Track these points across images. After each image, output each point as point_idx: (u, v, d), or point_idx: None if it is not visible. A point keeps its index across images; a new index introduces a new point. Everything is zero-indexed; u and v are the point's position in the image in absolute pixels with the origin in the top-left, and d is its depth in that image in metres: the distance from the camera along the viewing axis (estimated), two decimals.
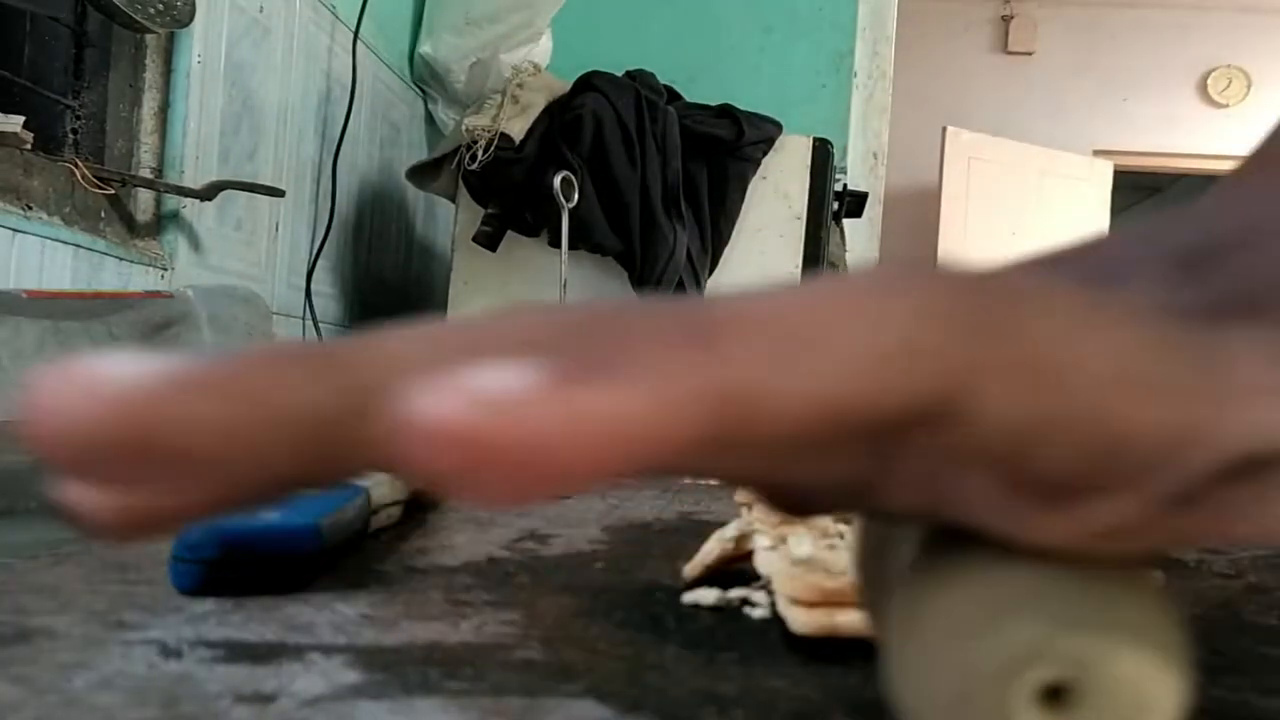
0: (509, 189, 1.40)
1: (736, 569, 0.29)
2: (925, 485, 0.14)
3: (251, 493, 0.13)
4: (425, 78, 1.77)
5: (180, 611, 0.24)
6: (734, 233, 1.50)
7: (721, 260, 1.49)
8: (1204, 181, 6.03)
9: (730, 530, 0.30)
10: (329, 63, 1.43)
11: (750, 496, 0.36)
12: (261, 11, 1.21)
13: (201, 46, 1.09)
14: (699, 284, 1.45)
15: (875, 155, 2.25)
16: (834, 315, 0.13)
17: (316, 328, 1.41)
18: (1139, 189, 6.74)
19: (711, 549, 0.33)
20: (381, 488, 0.34)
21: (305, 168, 1.39)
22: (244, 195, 1.18)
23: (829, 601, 0.22)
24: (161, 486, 0.13)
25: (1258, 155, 0.19)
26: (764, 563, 0.27)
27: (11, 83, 0.91)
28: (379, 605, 0.25)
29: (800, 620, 0.22)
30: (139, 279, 1.00)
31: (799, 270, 1.51)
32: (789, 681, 0.21)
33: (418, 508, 0.39)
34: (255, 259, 1.25)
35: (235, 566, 0.25)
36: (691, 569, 0.35)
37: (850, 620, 0.22)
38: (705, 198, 1.46)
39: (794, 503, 0.15)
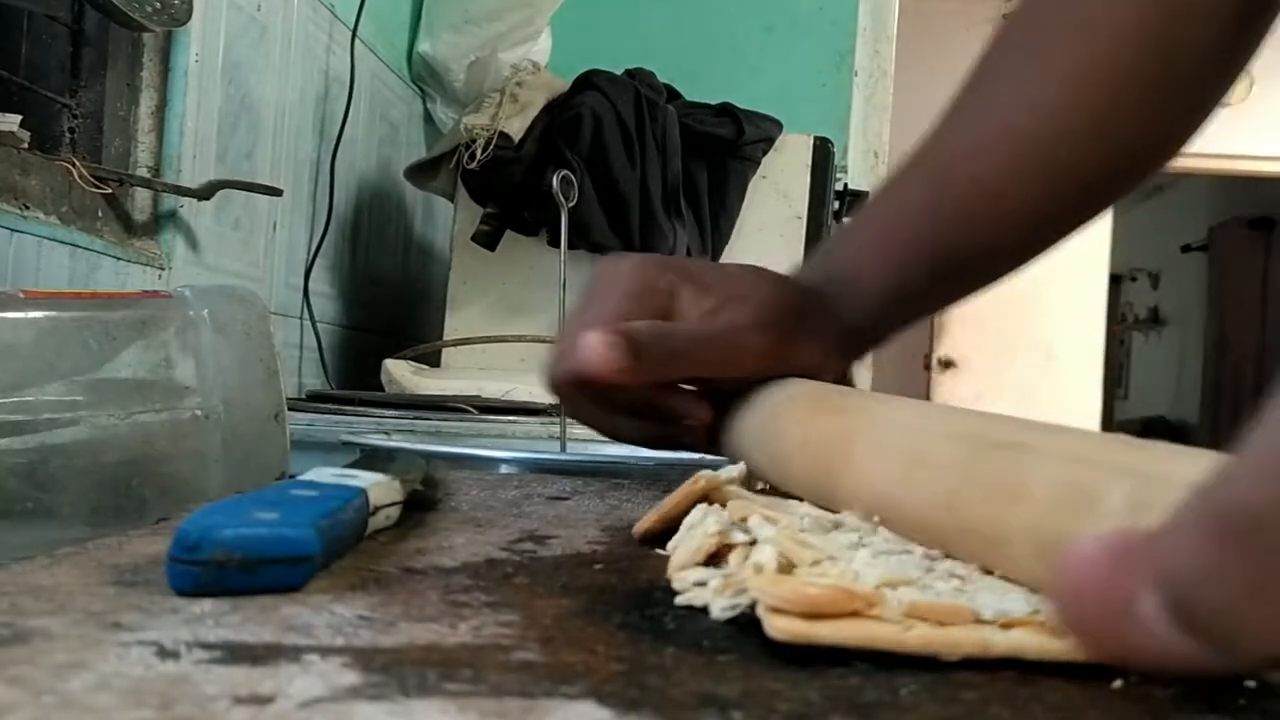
0: (508, 188, 1.39)
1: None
2: None
3: None
4: (424, 76, 1.76)
5: (177, 613, 0.23)
6: (734, 232, 1.50)
7: (721, 259, 1.49)
8: (1205, 181, 6.03)
9: (712, 524, 0.30)
10: (327, 61, 1.43)
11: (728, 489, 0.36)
12: (259, 10, 1.21)
13: (199, 45, 1.09)
14: None
15: (876, 154, 2.25)
16: None
17: (314, 328, 1.41)
18: (1142, 188, 6.74)
19: (667, 507, 0.34)
20: (379, 488, 0.34)
21: (303, 167, 1.39)
22: (242, 194, 1.18)
23: (809, 611, 0.22)
24: None
25: None
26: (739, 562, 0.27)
27: (8, 81, 0.91)
28: (377, 606, 0.25)
29: (777, 626, 0.22)
30: (136, 278, 1.00)
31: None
32: (789, 683, 0.21)
33: (416, 509, 0.38)
34: (253, 258, 1.25)
35: (232, 568, 0.25)
36: (645, 523, 0.35)
37: (829, 630, 0.22)
38: (705, 197, 1.45)
39: None
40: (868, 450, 0.35)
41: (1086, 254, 4.68)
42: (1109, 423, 6.37)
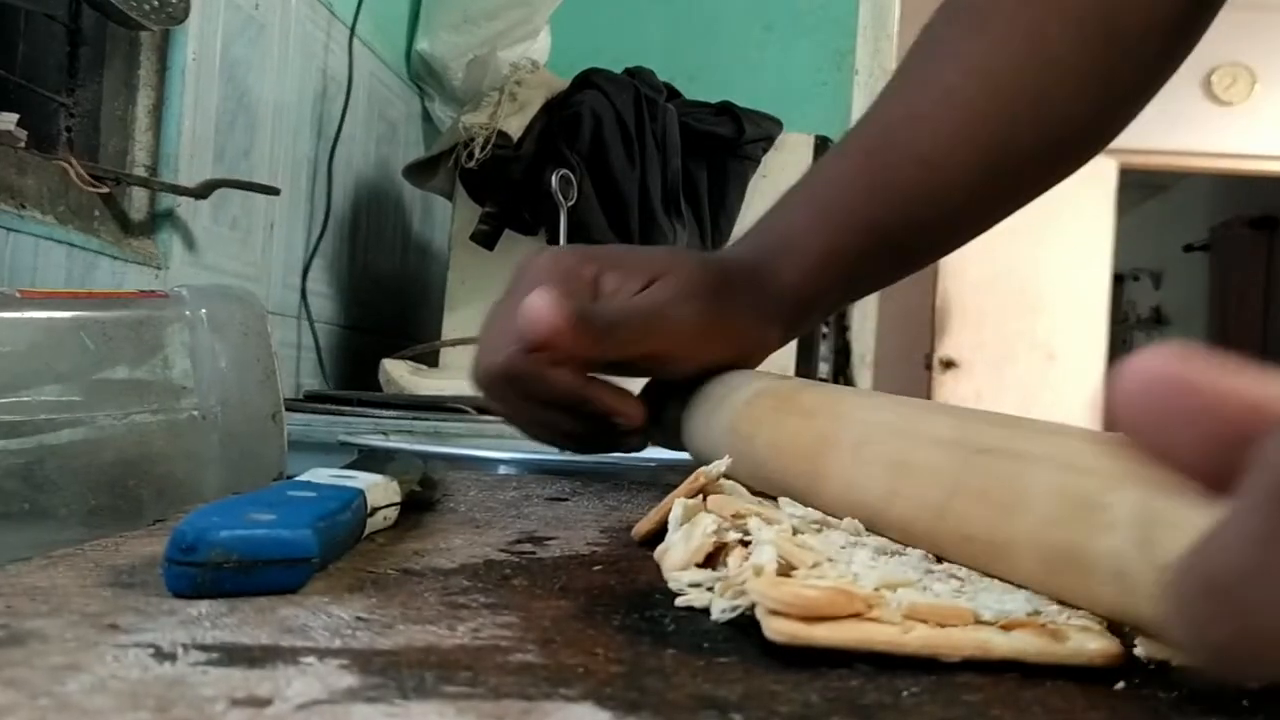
0: (507, 187, 1.39)
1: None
2: None
3: None
4: (422, 75, 1.76)
5: (174, 615, 0.23)
6: (734, 231, 1.49)
7: None
8: (1207, 180, 6.03)
9: (710, 525, 0.29)
10: (325, 60, 1.42)
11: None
12: (257, 8, 1.21)
13: (196, 44, 1.08)
14: None
15: None
16: None
17: (312, 327, 1.41)
18: (1144, 187, 6.74)
19: (667, 508, 0.33)
20: (377, 489, 0.33)
21: (301, 166, 1.38)
22: (239, 194, 1.18)
23: (808, 614, 0.22)
24: None
25: None
26: (738, 564, 0.27)
27: (5, 80, 0.91)
28: (374, 608, 0.25)
29: (776, 628, 0.22)
30: (133, 278, 1.00)
31: None
32: (789, 685, 0.20)
33: (414, 510, 0.38)
34: (251, 258, 1.25)
35: (229, 569, 0.25)
36: (644, 525, 0.35)
37: (828, 632, 0.22)
38: (705, 196, 1.45)
39: None
40: (848, 458, 0.34)
41: (1088, 253, 4.67)
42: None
